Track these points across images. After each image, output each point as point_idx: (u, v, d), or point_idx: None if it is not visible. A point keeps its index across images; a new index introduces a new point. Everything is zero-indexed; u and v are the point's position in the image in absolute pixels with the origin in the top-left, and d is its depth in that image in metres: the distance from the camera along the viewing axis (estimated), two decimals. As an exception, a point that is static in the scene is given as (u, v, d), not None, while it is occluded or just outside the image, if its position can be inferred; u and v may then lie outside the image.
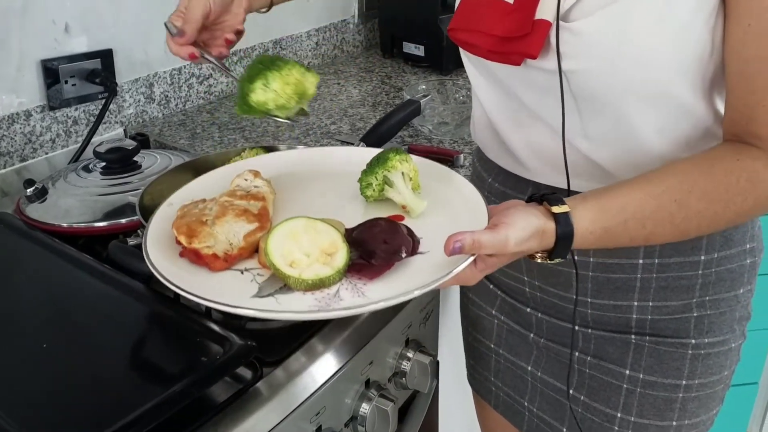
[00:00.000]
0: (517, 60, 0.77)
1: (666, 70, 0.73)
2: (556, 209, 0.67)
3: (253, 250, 0.71)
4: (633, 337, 0.89)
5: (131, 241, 0.85)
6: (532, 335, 0.98)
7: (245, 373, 0.81)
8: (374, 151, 0.84)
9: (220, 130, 1.47)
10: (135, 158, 1.16)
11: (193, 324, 0.83)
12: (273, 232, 0.68)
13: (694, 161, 0.72)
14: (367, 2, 2.00)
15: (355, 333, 0.91)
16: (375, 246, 0.67)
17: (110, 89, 1.35)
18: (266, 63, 0.79)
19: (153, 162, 1.17)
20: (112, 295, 0.88)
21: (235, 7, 0.90)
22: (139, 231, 0.88)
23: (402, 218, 0.75)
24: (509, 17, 0.76)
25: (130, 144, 1.16)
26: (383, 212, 0.77)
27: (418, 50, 1.83)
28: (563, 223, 0.67)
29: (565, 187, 0.80)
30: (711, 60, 0.73)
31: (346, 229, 0.71)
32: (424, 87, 1.50)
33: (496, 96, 0.88)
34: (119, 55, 1.40)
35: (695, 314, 0.87)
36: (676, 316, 0.87)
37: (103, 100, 1.36)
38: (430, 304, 1.07)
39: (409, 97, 1.31)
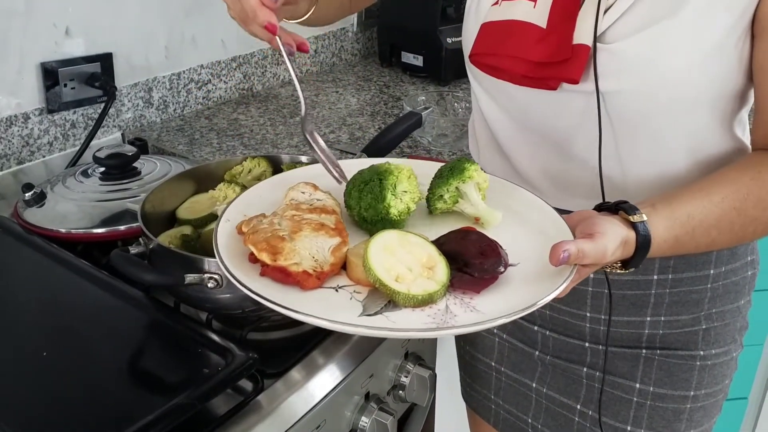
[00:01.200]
0: (554, 85, 0.77)
1: (697, 90, 0.74)
2: (634, 218, 0.67)
3: (341, 265, 0.68)
4: (643, 351, 0.90)
5: (133, 250, 0.84)
6: (537, 352, 0.98)
7: (246, 385, 0.80)
8: (419, 163, 0.81)
9: (218, 137, 1.46)
10: (134, 164, 1.16)
11: (194, 334, 0.83)
12: (370, 246, 0.64)
13: (740, 169, 0.73)
14: (366, 11, 2.00)
15: (356, 346, 0.90)
16: (472, 258, 0.65)
17: (110, 93, 1.34)
18: (374, 176, 0.73)
19: (153, 168, 1.16)
20: (112, 303, 0.87)
21: None
22: (140, 239, 0.87)
23: (473, 230, 0.71)
24: (544, 42, 0.76)
25: (130, 150, 1.15)
26: (446, 225, 0.73)
27: (417, 60, 1.83)
28: (642, 232, 0.67)
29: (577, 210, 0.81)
30: (735, 80, 0.75)
31: (433, 242, 0.68)
32: (423, 98, 1.50)
33: (510, 122, 0.87)
34: (119, 59, 1.40)
35: (703, 326, 0.89)
36: (686, 329, 0.88)
37: (102, 104, 1.35)
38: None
39: (409, 109, 1.32)
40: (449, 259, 0.66)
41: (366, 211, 0.72)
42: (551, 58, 0.76)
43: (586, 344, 0.92)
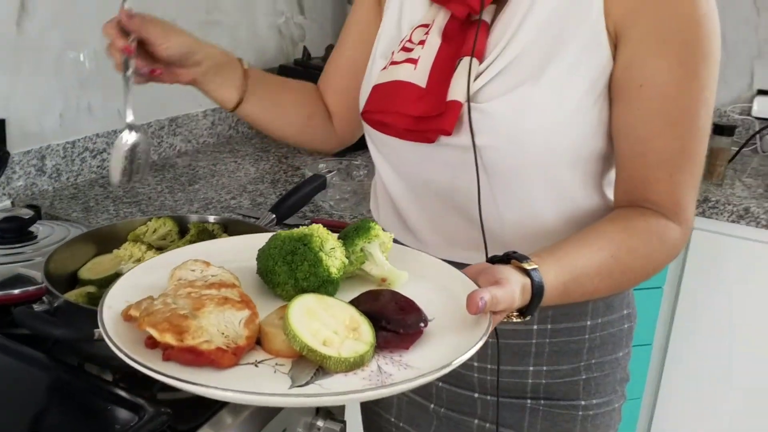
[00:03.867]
0: (432, 137, 0.84)
1: (559, 148, 0.81)
2: (527, 265, 0.69)
3: (256, 339, 0.63)
4: (528, 401, 0.94)
5: (37, 308, 0.81)
6: (432, 405, 1.00)
7: (158, 442, 0.78)
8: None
9: (114, 204, 1.44)
10: (30, 228, 1.12)
11: (102, 392, 0.80)
12: (291, 312, 0.62)
13: (611, 223, 0.80)
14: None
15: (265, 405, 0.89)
16: (392, 314, 0.64)
17: (2, 159, 1.30)
18: (296, 244, 0.71)
19: (49, 233, 1.13)
20: (12, 366, 0.84)
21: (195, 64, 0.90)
22: (44, 298, 0.84)
23: (383, 290, 0.70)
24: (423, 99, 0.83)
25: (26, 213, 1.12)
26: (350, 290, 0.72)
27: (313, 132, 1.88)
28: (536, 279, 0.69)
29: (464, 262, 0.85)
30: (597, 141, 0.83)
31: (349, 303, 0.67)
32: (323, 165, 1.55)
33: (398, 178, 0.93)
34: (11, 125, 1.36)
35: (584, 377, 0.94)
36: (567, 379, 0.93)
37: (-8, 171, 1.31)
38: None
39: (312, 173, 1.36)
40: (372, 319, 0.65)
41: (305, 280, 0.69)
42: (428, 113, 0.83)
43: (476, 395, 0.96)
